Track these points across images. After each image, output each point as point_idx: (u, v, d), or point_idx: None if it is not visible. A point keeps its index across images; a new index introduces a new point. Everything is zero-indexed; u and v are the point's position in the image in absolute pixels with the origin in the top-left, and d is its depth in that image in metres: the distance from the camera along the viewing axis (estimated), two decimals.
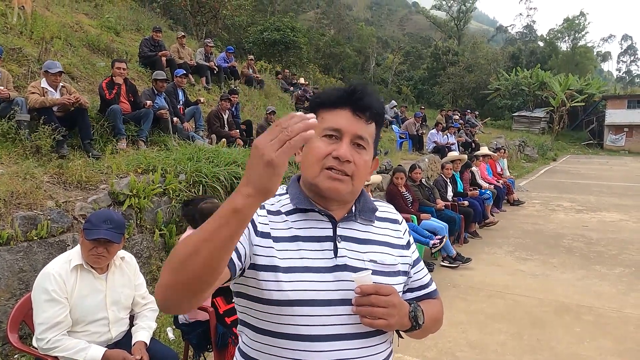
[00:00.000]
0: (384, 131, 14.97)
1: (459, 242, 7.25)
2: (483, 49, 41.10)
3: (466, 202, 7.79)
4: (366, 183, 5.32)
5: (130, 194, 4.45)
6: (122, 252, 2.65)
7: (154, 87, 7.17)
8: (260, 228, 1.14)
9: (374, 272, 1.16)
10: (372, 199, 1.35)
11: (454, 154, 9.27)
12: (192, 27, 18.13)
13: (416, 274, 1.31)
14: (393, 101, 18.53)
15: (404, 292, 1.28)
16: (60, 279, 2.35)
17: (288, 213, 1.19)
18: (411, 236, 1.34)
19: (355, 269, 1.14)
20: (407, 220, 5.49)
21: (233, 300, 1.24)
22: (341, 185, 1.13)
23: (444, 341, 3.93)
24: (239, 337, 1.25)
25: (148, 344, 2.56)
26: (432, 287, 1.36)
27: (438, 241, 5.99)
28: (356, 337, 1.11)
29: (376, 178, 6.16)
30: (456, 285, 5.45)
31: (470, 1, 48.74)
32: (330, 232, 1.17)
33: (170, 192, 4.86)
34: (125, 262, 2.65)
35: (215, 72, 11.24)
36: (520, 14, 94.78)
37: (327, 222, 1.18)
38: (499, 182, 10.49)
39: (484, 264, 6.31)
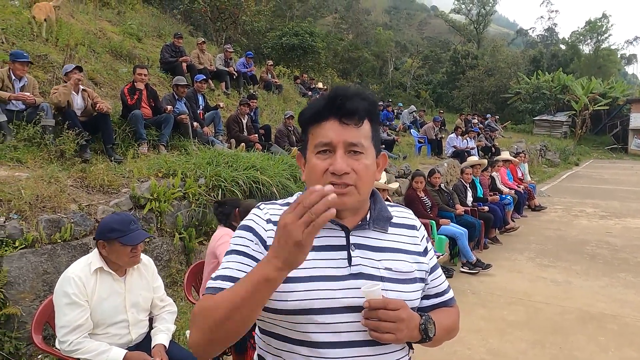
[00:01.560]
0: (402, 135, 14.95)
1: (479, 247, 7.16)
2: (503, 52, 40.56)
3: (486, 208, 7.70)
4: (380, 187, 5.29)
5: (151, 197, 4.52)
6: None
7: (175, 92, 7.28)
8: (269, 243, 1.15)
9: (390, 280, 1.15)
10: (391, 203, 1.33)
11: (473, 159, 9.17)
12: (212, 33, 18.37)
13: (433, 281, 1.30)
14: (412, 106, 18.44)
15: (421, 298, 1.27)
16: (81, 282, 2.39)
17: None
18: (429, 243, 1.32)
19: (370, 277, 1.13)
20: (425, 225, 5.41)
21: None
22: (347, 198, 1.12)
23: (464, 348, 3.88)
24: (257, 342, 1.26)
25: (167, 347, 2.59)
26: (449, 295, 1.34)
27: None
28: (371, 344, 1.10)
29: (393, 185, 6.09)
30: (476, 292, 5.38)
31: (490, 4, 48.25)
32: (343, 241, 1.17)
33: (190, 196, 4.92)
34: (143, 265, 2.68)
35: (234, 77, 11.36)
36: (542, 17, 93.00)
37: (340, 231, 1.18)
38: (519, 187, 10.33)
39: (505, 270, 6.22)
